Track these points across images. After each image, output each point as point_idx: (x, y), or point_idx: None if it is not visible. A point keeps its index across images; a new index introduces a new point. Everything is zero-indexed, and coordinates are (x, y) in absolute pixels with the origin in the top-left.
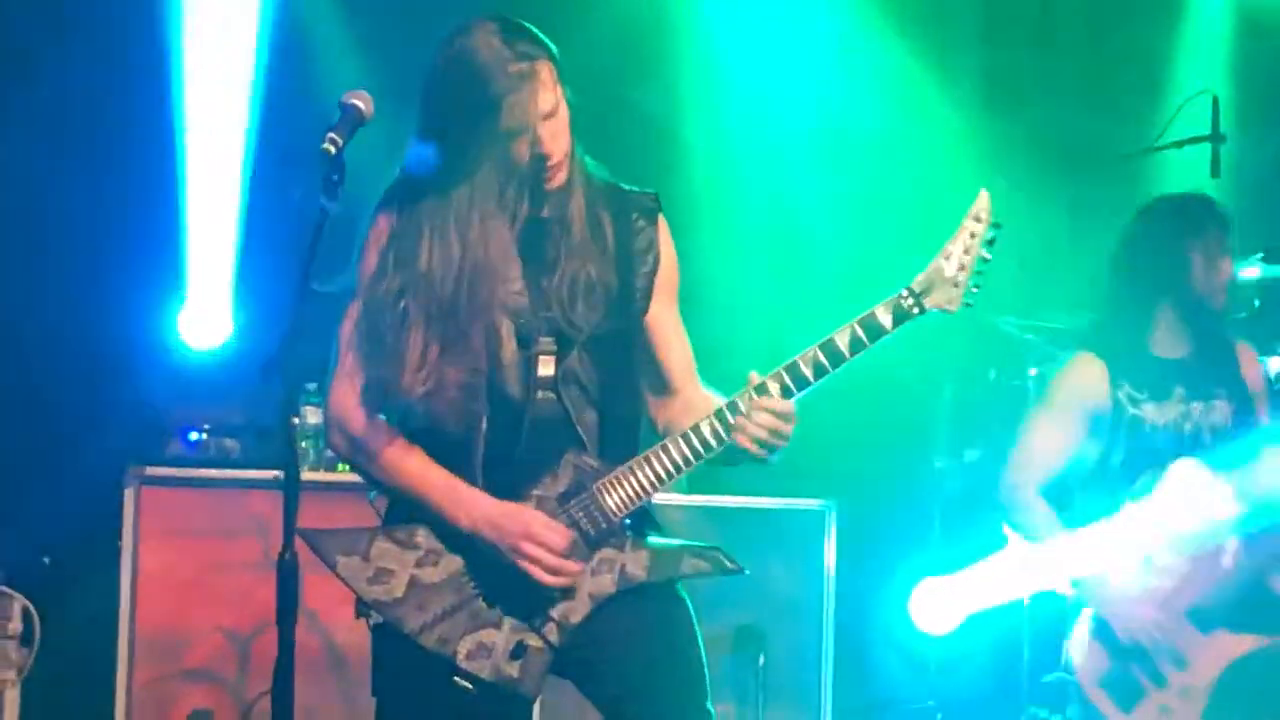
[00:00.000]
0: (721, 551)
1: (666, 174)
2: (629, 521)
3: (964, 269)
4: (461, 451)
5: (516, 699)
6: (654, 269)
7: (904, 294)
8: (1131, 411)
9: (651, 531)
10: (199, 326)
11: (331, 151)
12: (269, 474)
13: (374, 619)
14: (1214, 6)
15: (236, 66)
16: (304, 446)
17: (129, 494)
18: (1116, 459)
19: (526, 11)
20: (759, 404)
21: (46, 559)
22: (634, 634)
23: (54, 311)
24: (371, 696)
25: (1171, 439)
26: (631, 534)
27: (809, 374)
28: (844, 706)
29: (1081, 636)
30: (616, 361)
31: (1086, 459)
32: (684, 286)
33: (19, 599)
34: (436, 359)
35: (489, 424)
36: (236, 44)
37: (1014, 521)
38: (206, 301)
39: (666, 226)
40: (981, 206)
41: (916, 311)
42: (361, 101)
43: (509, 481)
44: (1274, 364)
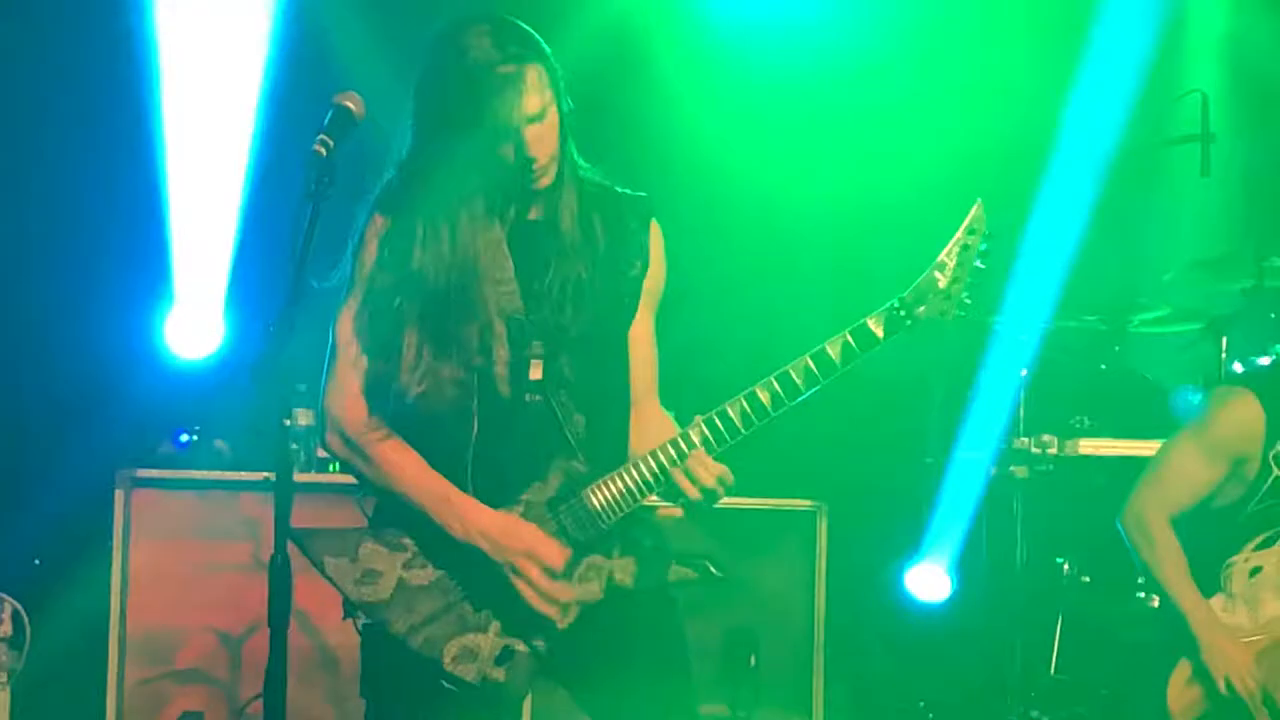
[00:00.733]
0: (709, 559)
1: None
2: (617, 527)
3: (957, 281)
4: (452, 454)
5: (503, 702)
6: (642, 273)
7: (897, 304)
8: (1277, 472)
9: (640, 537)
10: (189, 334)
11: (322, 153)
12: (260, 476)
13: (361, 620)
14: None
15: (227, 68)
16: (294, 448)
17: (120, 495)
18: (1248, 510)
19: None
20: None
21: (37, 560)
22: (621, 640)
23: (45, 313)
24: (360, 697)
25: None
26: (619, 540)
27: (800, 382)
28: (835, 707)
29: (1181, 679)
30: (605, 365)
31: (1213, 498)
32: (677, 290)
33: (10, 601)
34: (431, 358)
35: (479, 427)
36: (225, 45)
37: (1136, 550)
38: (197, 310)
39: (659, 231)
40: (976, 218)
41: (909, 322)
42: (352, 103)
43: (498, 485)
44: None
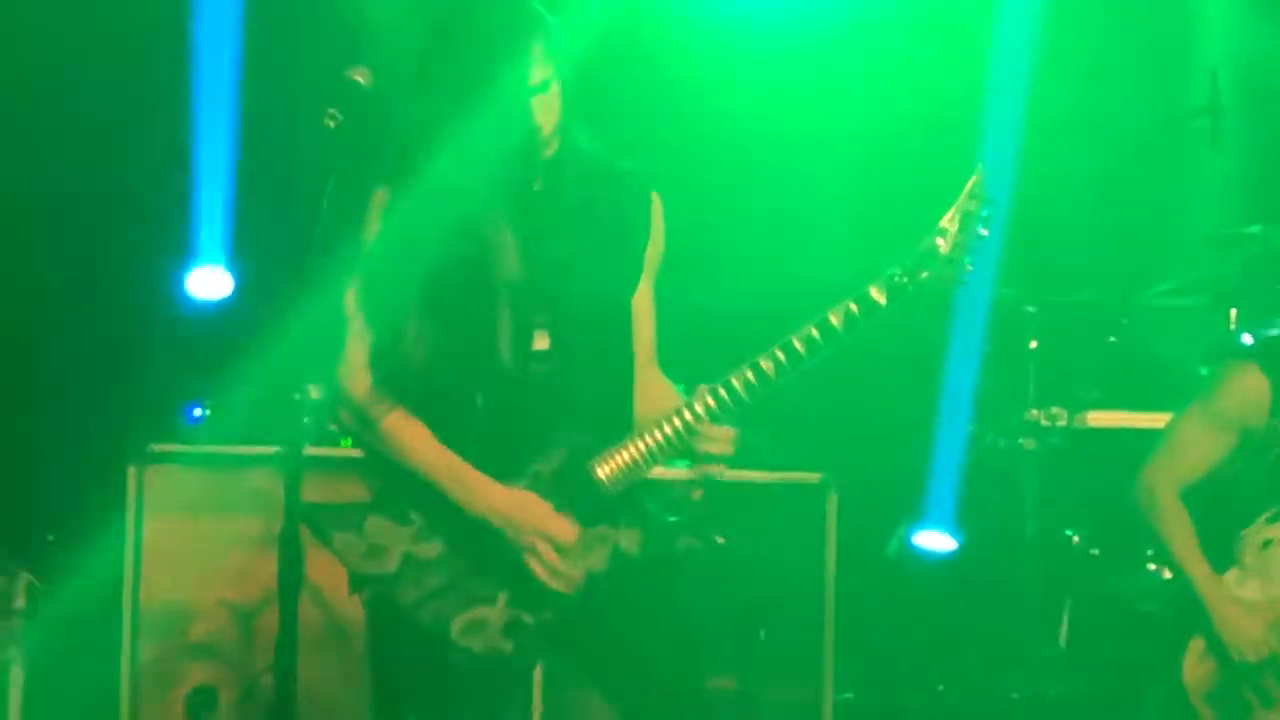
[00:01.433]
0: (714, 529)
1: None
2: (624, 497)
3: (959, 247)
4: (458, 426)
5: (511, 673)
6: (644, 245)
7: (899, 272)
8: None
9: (647, 507)
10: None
11: (332, 126)
12: (271, 450)
13: (368, 594)
14: None
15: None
16: (305, 422)
17: (132, 470)
18: (1257, 480)
19: None
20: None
21: (50, 536)
22: (628, 610)
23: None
24: (369, 670)
25: None
26: (625, 510)
27: (802, 350)
28: (845, 681)
29: (1196, 653)
30: (610, 335)
31: (1221, 470)
32: (682, 263)
33: (23, 576)
34: (434, 327)
35: (484, 398)
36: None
37: (1148, 520)
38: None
39: (659, 202)
40: (977, 184)
41: (912, 289)
42: (362, 77)
43: (505, 457)
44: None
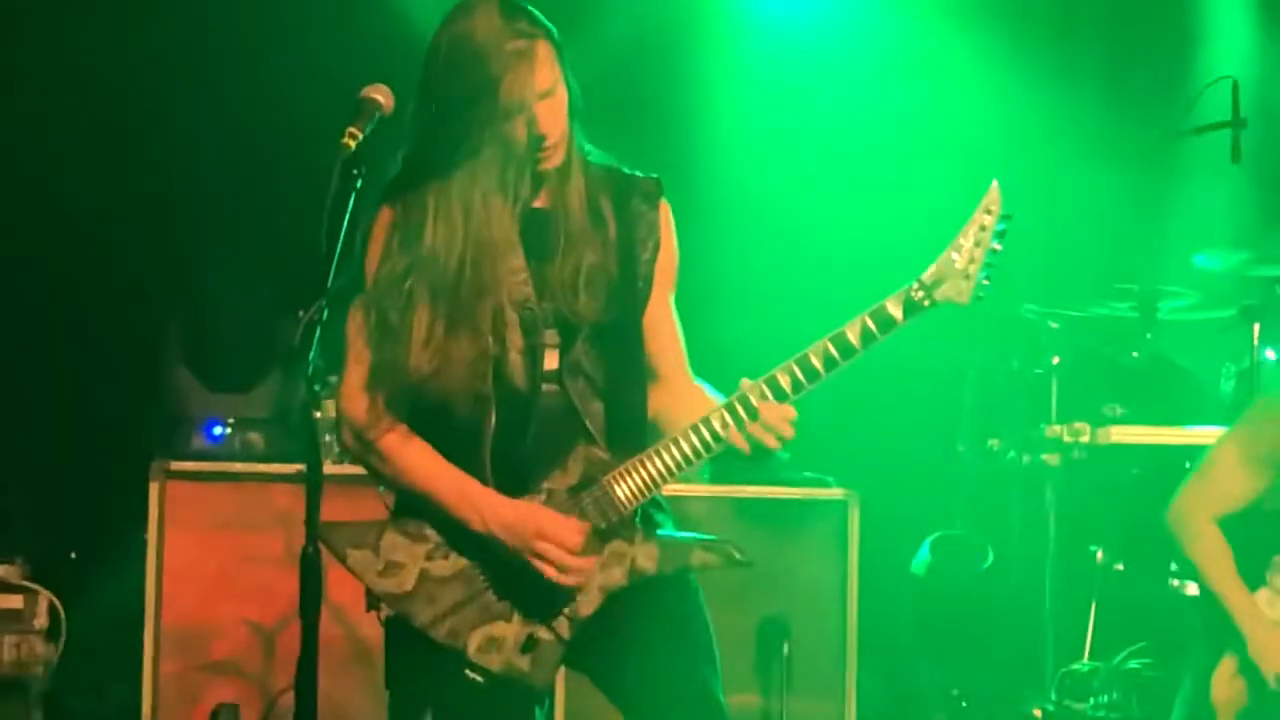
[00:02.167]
0: (731, 544)
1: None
2: (639, 514)
3: (975, 261)
4: (470, 445)
5: (528, 691)
6: (654, 255)
7: (915, 286)
8: None
9: (662, 524)
10: None
11: (351, 146)
12: (293, 468)
13: (384, 612)
14: None
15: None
16: (327, 440)
17: (154, 488)
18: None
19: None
20: (765, 408)
21: (72, 554)
22: (645, 625)
23: (78, 307)
24: (385, 689)
25: None
26: (642, 527)
27: (819, 366)
28: (868, 696)
29: (1227, 672)
30: (622, 351)
31: (1261, 503)
32: (698, 280)
33: (45, 594)
34: (443, 336)
35: (496, 416)
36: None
37: (1181, 545)
38: None
39: (669, 211)
40: (992, 198)
41: (927, 304)
42: (381, 95)
43: (518, 475)
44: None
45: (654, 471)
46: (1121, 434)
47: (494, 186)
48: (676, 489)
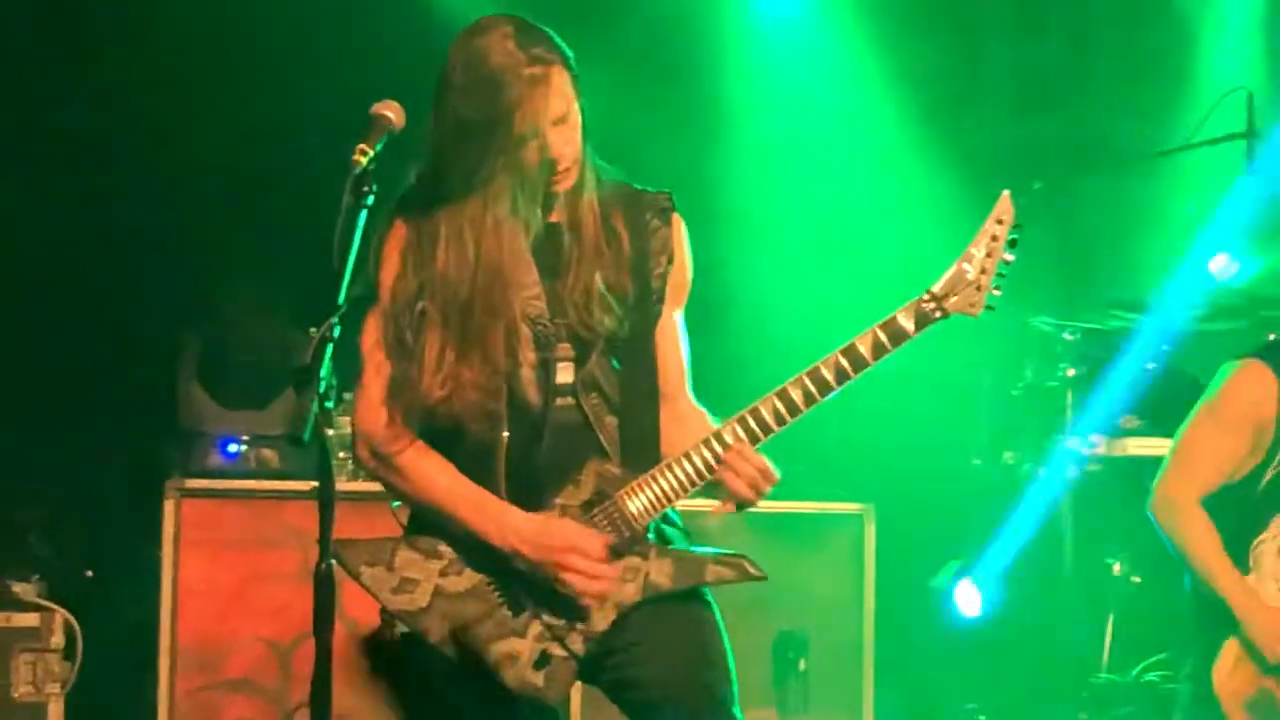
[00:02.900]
0: (747, 558)
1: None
2: (653, 529)
3: (985, 272)
4: (483, 460)
5: (542, 707)
6: (667, 270)
7: (926, 298)
8: None
9: (676, 538)
10: None
11: (361, 163)
12: (307, 485)
13: (399, 629)
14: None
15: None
16: (341, 457)
17: (169, 505)
18: (1265, 480)
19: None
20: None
21: (88, 572)
22: (659, 641)
23: (94, 325)
24: (401, 705)
25: None
26: (655, 542)
27: (831, 379)
28: (886, 710)
29: (1229, 659)
30: (635, 366)
31: (1234, 472)
32: (711, 292)
33: (60, 612)
34: (454, 360)
35: (510, 432)
36: None
37: (1168, 533)
38: None
39: (682, 225)
40: (1003, 209)
41: (939, 315)
42: (392, 112)
43: (532, 490)
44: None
45: (667, 486)
46: (1138, 446)
47: (506, 211)
48: (690, 503)
